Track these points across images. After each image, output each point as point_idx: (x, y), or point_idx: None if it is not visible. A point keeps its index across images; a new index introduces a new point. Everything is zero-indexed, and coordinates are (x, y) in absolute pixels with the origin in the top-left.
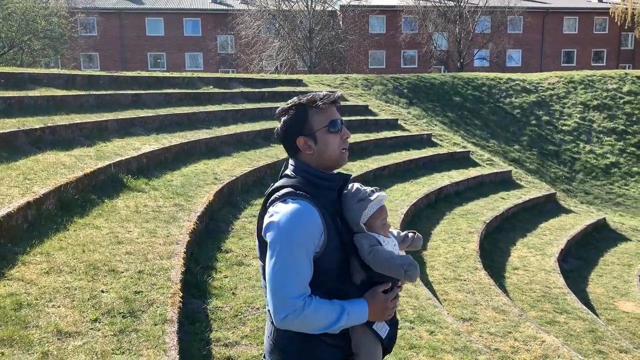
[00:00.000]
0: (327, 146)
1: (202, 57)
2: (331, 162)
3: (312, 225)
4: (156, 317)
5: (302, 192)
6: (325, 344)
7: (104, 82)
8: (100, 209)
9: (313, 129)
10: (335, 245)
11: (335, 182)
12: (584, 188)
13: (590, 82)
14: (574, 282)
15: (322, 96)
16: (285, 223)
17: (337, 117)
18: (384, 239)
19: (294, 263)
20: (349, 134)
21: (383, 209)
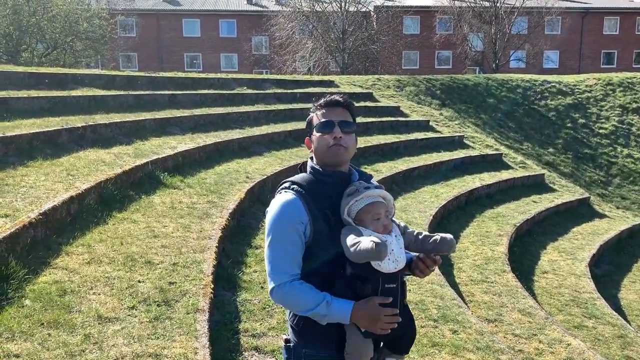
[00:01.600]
0: (317, 145)
1: (237, 57)
2: (324, 159)
3: (294, 214)
4: (189, 306)
5: (296, 185)
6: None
7: (142, 83)
8: (138, 204)
9: (312, 130)
10: (325, 234)
11: (333, 178)
12: (621, 193)
13: (629, 85)
14: (606, 287)
15: (322, 99)
16: (271, 212)
17: (330, 117)
18: (370, 232)
19: (279, 245)
20: (340, 134)
21: (375, 205)
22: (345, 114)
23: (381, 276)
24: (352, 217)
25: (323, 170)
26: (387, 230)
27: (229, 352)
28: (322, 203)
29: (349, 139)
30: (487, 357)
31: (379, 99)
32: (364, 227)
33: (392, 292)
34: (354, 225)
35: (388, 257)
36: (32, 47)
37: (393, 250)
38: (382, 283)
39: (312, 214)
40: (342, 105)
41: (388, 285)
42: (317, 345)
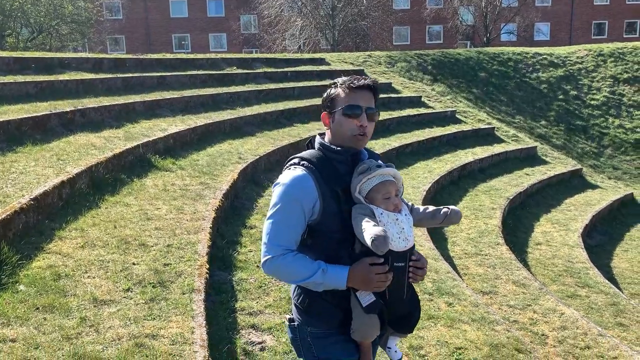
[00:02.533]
0: (341, 127)
1: (226, 37)
2: (343, 143)
3: (304, 190)
4: (184, 287)
5: (306, 161)
6: (327, 303)
7: (130, 65)
8: (130, 187)
9: (334, 108)
10: (334, 212)
11: (342, 156)
12: (613, 163)
13: (620, 55)
14: (598, 257)
15: (351, 79)
16: (281, 186)
17: (359, 102)
18: (382, 211)
19: (282, 218)
20: (366, 122)
21: (386, 184)
22: (371, 100)
23: (391, 254)
24: (364, 195)
25: (333, 148)
26: (397, 209)
27: (226, 331)
28: (332, 180)
29: (371, 126)
30: (482, 328)
31: (370, 76)
32: (375, 205)
33: (400, 271)
34: (365, 203)
35: (398, 235)
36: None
37: (403, 229)
38: (391, 261)
39: (322, 191)
40: (370, 89)
41: (397, 264)
42: (322, 323)
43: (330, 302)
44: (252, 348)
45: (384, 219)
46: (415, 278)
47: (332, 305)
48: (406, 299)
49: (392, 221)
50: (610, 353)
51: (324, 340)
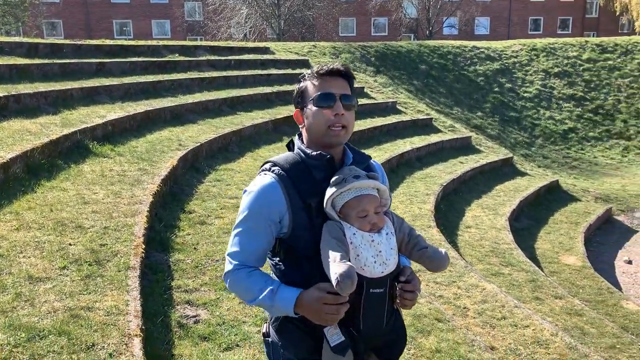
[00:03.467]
0: (314, 121)
1: (170, 24)
2: (318, 139)
3: (270, 201)
4: (120, 265)
5: (278, 167)
6: (297, 328)
7: (68, 51)
8: (67, 173)
9: (305, 101)
10: (305, 226)
11: (318, 161)
12: (542, 152)
13: (552, 50)
14: (524, 239)
15: (320, 66)
16: (248, 194)
17: (331, 90)
18: (354, 231)
19: (244, 230)
20: (342, 111)
21: (362, 200)
22: (346, 87)
23: (365, 280)
24: (337, 210)
25: (310, 152)
26: (375, 228)
27: (162, 306)
28: (306, 189)
29: (351, 116)
30: None
31: (315, 66)
32: (348, 223)
33: (377, 298)
34: (337, 219)
35: (374, 259)
36: None
37: (380, 252)
38: (365, 287)
39: (292, 202)
40: (343, 75)
41: (374, 291)
42: (292, 347)
43: (301, 328)
44: (186, 321)
45: (357, 240)
46: (403, 303)
47: (303, 332)
48: (387, 328)
49: (366, 243)
50: (523, 322)
51: None
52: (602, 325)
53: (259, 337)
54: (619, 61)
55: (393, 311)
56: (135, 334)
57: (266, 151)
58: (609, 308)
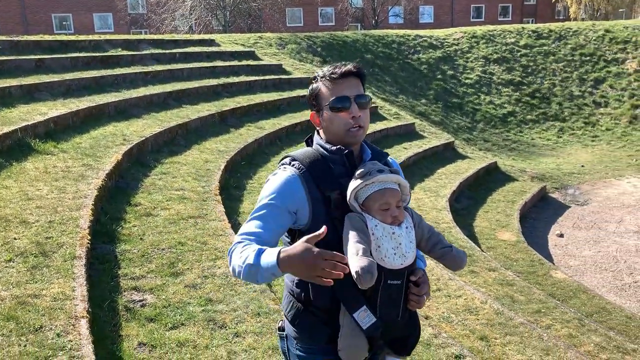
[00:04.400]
0: (332, 124)
1: (112, 17)
2: (338, 139)
3: (290, 193)
4: (66, 255)
5: (297, 162)
6: (314, 317)
7: (4, 48)
8: (9, 171)
9: (321, 105)
10: (324, 219)
11: (336, 155)
12: (484, 136)
13: (491, 37)
14: (463, 218)
15: (332, 68)
16: (268, 185)
17: (345, 93)
18: (376, 223)
19: (260, 217)
20: (358, 112)
21: (385, 193)
22: (359, 86)
23: (384, 271)
24: (360, 202)
25: (329, 147)
26: (396, 222)
27: (109, 292)
28: (326, 184)
29: (366, 115)
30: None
31: (261, 58)
32: (370, 215)
33: (395, 289)
34: (359, 211)
35: (394, 251)
36: None
37: (400, 245)
38: (384, 278)
39: (311, 195)
40: (355, 75)
41: (391, 282)
42: (308, 338)
43: (318, 316)
44: (133, 305)
45: (378, 232)
46: (411, 304)
47: (320, 321)
48: (401, 320)
49: (387, 235)
50: (456, 292)
51: (310, 357)
52: (530, 293)
53: (203, 315)
54: (554, 46)
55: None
56: (82, 315)
57: (213, 143)
58: (540, 278)
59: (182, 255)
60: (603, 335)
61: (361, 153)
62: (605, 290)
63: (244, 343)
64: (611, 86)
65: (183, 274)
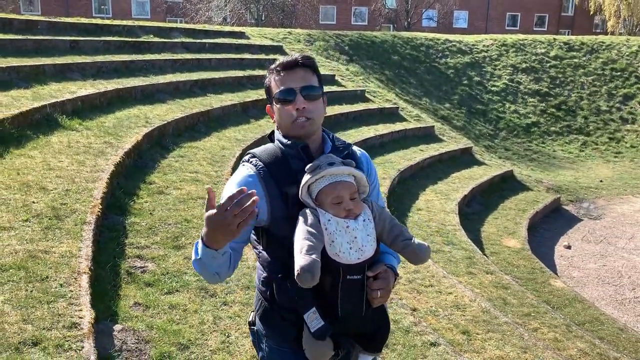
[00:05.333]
0: (280, 116)
1: (150, 4)
2: (287, 132)
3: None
4: (77, 220)
5: (256, 158)
6: (280, 317)
7: (42, 28)
8: (35, 143)
9: (272, 97)
10: (282, 215)
11: (292, 150)
12: (505, 145)
13: (521, 46)
14: (472, 222)
15: (280, 61)
16: (227, 185)
17: (290, 85)
18: (329, 217)
19: None
20: (303, 104)
21: (336, 186)
22: (308, 76)
23: (342, 266)
24: (313, 197)
25: (285, 142)
26: (351, 215)
27: (114, 257)
28: (284, 180)
29: (315, 107)
30: None
31: (288, 53)
32: (323, 209)
33: (356, 284)
34: (313, 206)
35: (349, 245)
36: None
37: (356, 238)
38: (342, 273)
39: (269, 192)
40: (302, 65)
41: (350, 277)
42: (275, 336)
43: (283, 317)
44: (134, 270)
45: (332, 226)
46: (371, 300)
47: (286, 321)
48: (366, 316)
49: (341, 229)
50: (447, 290)
51: (278, 353)
52: (523, 297)
53: (197, 284)
54: (584, 59)
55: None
56: (84, 271)
57: (233, 132)
58: (538, 285)
59: (186, 231)
60: (588, 342)
61: (321, 146)
62: (604, 302)
63: (230, 311)
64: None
65: (185, 247)
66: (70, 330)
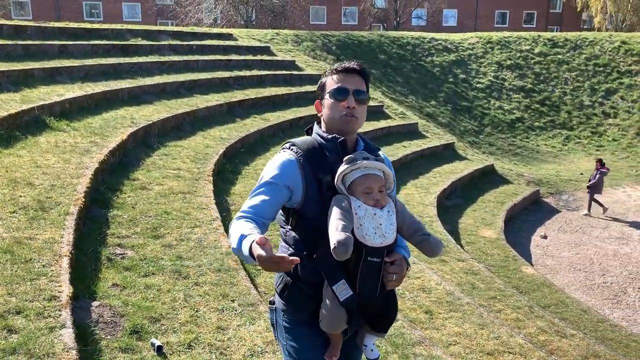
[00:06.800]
0: (330, 111)
1: (140, 7)
2: (333, 127)
3: (287, 173)
4: (61, 211)
5: (296, 147)
6: (301, 291)
7: (32, 33)
8: (24, 143)
9: (324, 94)
10: (315, 199)
11: (331, 143)
12: (489, 140)
13: (506, 43)
14: (451, 215)
15: (340, 64)
16: (268, 165)
17: (346, 86)
18: (360, 204)
19: (259, 193)
20: (353, 104)
21: (368, 178)
22: (361, 83)
23: (365, 248)
24: (346, 185)
25: (326, 135)
26: (378, 205)
27: (96, 245)
28: (320, 168)
29: (361, 109)
30: None
31: (276, 53)
32: (355, 197)
33: (374, 266)
34: (345, 193)
35: (374, 230)
36: None
37: (381, 225)
38: (365, 254)
39: (306, 178)
40: (359, 73)
41: (371, 259)
42: (294, 310)
43: (304, 290)
44: (114, 257)
45: (361, 212)
46: (386, 282)
47: (306, 294)
48: (380, 296)
49: (369, 215)
50: (415, 274)
51: (295, 328)
52: (491, 282)
53: (172, 268)
54: (568, 55)
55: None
56: (65, 254)
57: (218, 131)
58: (509, 272)
59: (165, 222)
60: (548, 321)
61: (355, 145)
62: (574, 288)
63: (201, 290)
64: (622, 97)
65: (163, 236)
66: (50, 302)
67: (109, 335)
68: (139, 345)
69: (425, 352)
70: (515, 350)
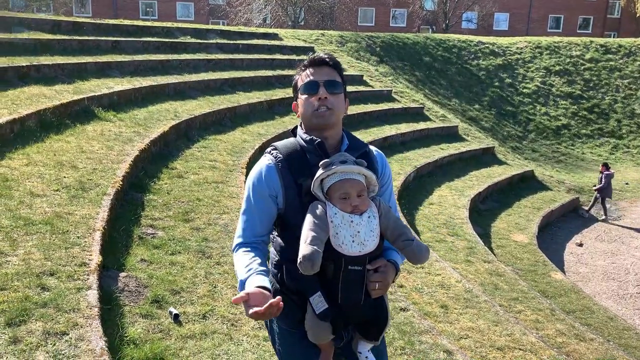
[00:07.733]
0: (303, 107)
1: (193, 7)
2: (310, 124)
3: (266, 181)
4: (99, 192)
5: (276, 151)
6: (289, 300)
7: (88, 29)
8: (72, 130)
9: (297, 94)
10: (296, 205)
11: (310, 145)
12: (533, 146)
13: (556, 48)
14: (484, 218)
15: (308, 58)
16: (250, 174)
17: (315, 78)
18: (336, 211)
19: (246, 209)
20: (325, 94)
21: (345, 183)
22: (332, 74)
23: (344, 257)
24: (324, 191)
25: (305, 137)
26: (357, 210)
27: (129, 225)
28: (300, 172)
29: (336, 99)
30: None
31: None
32: (332, 203)
33: (356, 274)
34: (323, 199)
35: (352, 238)
36: None
37: (359, 233)
38: (344, 263)
39: (285, 182)
40: (327, 64)
41: (352, 267)
42: (284, 318)
43: (292, 300)
44: (145, 236)
45: (337, 220)
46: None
47: (294, 303)
48: (366, 305)
49: (346, 223)
50: (437, 271)
51: (287, 337)
52: (515, 284)
53: (197, 248)
54: (621, 62)
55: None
56: (99, 229)
57: (256, 127)
58: (537, 276)
59: (196, 208)
60: (568, 325)
61: (338, 144)
62: (605, 296)
63: (221, 269)
64: None
65: (193, 220)
66: (80, 267)
67: (132, 302)
68: (158, 312)
69: (431, 340)
70: (526, 347)
